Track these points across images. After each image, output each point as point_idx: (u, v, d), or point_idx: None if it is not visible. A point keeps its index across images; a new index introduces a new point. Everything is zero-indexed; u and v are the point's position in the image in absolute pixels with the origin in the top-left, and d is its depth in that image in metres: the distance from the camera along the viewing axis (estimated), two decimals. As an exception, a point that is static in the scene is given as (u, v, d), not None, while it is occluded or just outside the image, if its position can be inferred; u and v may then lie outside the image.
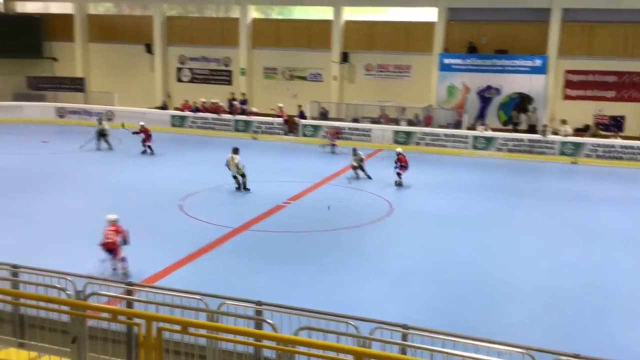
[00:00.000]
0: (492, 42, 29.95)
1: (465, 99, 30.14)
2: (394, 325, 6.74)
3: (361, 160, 21.72)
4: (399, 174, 20.70)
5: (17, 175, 20.72)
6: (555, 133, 27.05)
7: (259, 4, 34.05)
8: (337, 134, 27.44)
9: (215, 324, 6.19)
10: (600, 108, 28.77)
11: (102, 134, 25.26)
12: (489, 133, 27.61)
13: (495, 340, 6.55)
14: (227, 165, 19.00)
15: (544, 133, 26.63)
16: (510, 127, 29.16)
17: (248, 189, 19.05)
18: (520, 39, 29.67)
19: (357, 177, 21.56)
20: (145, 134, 24.66)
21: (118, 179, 20.35)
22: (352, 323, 6.60)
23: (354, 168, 21.73)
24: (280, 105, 30.44)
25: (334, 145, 26.72)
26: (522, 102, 29.39)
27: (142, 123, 25.18)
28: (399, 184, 20.63)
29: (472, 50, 30.09)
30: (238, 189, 19.11)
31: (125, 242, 12.21)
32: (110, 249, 12.00)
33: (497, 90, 29.76)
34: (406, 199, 19.12)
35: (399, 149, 21.52)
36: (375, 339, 6.20)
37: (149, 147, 24.57)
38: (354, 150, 22.27)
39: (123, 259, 12.06)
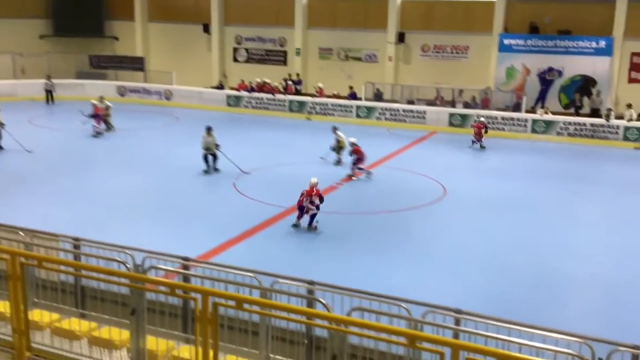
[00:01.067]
0: (554, 23, 28.92)
1: (525, 81, 29.32)
2: (447, 309, 6.67)
3: (216, 145, 18.90)
4: (360, 169, 18.64)
5: (79, 153, 21.42)
6: (619, 117, 26.04)
7: (316, -16, 33.88)
8: (484, 127, 24.27)
9: (269, 301, 6.26)
10: (668, 92, 27.53)
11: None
12: (549, 116, 26.81)
13: (552, 328, 6.40)
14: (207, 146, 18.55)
15: (607, 117, 25.68)
16: (572, 110, 28.24)
17: (217, 169, 18.72)
18: (585, 20, 28.57)
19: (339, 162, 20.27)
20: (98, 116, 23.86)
21: (175, 158, 20.74)
22: (404, 306, 6.56)
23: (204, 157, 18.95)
24: (320, 85, 30.29)
25: (480, 140, 24.00)
26: (585, 85, 28.38)
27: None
28: (354, 177, 18.64)
29: (534, 30, 29.16)
30: (207, 171, 18.68)
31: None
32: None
33: (559, 73, 28.82)
34: (460, 182, 18.80)
35: (353, 139, 18.98)
36: (428, 322, 6.15)
37: (105, 123, 24.24)
38: (334, 128, 20.84)
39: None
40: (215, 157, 18.85)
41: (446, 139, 26.20)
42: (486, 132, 24.19)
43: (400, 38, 31.86)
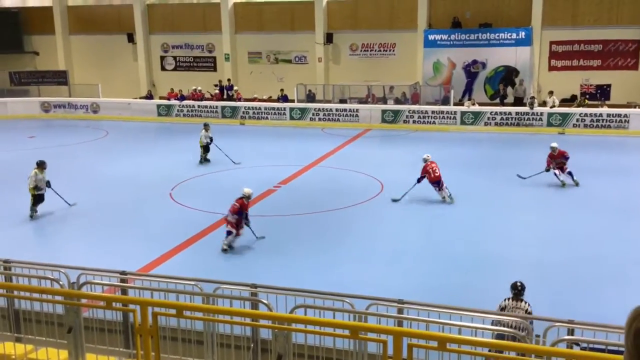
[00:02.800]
0: (476, 16, 29.86)
1: (452, 74, 30.09)
2: (389, 300, 6.77)
3: (211, 138, 20.79)
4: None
5: (3, 173, 20.54)
6: (542, 105, 27.09)
7: (240, -12, 33.75)
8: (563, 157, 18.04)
9: (211, 306, 6.19)
10: (587, 77, 28.84)
11: None
12: (476, 108, 27.61)
13: (490, 310, 6.60)
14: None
15: (531, 105, 26.67)
16: (497, 100, 29.19)
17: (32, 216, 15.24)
18: (504, 12, 29.61)
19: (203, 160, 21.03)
20: None
21: (106, 171, 20.21)
22: (348, 300, 6.61)
23: (204, 147, 20.85)
24: (256, 95, 30.48)
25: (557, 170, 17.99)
26: (508, 75, 29.38)
27: None
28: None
29: (457, 25, 29.99)
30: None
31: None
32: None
33: (483, 65, 29.73)
34: (396, 177, 19.09)
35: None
36: (371, 313, 6.22)
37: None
38: (205, 125, 21.26)
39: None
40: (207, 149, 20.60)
41: (380, 136, 26.59)
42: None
43: (329, 39, 32.13)
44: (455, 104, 28.33)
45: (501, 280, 11.56)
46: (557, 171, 17.74)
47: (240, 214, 12.97)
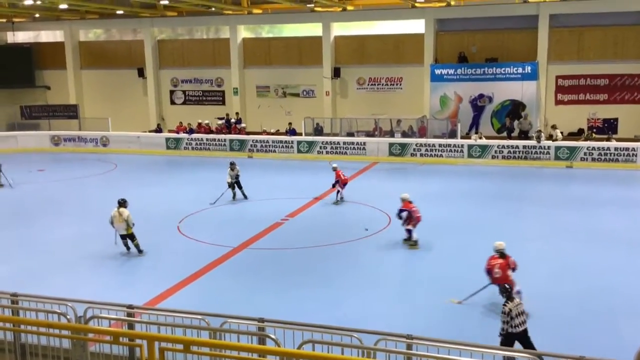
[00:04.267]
0: (482, 51, 30.13)
1: (458, 108, 30.24)
2: (398, 335, 6.70)
3: (237, 176, 20.23)
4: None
5: (15, 205, 20.68)
6: (549, 138, 27.13)
7: (249, 24, 34.25)
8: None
9: (218, 341, 6.14)
10: (594, 111, 28.91)
11: None
12: (484, 141, 27.67)
13: (502, 347, 6.52)
14: (111, 222, 14.98)
15: (538, 139, 26.70)
16: (504, 134, 29.25)
17: (141, 251, 14.98)
18: (510, 47, 29.88)
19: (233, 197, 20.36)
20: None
21: (115, 203, 20.25)
22: (356, 335, 6.55)
23: (231, 185, 20.13)
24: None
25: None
26: (515, 108, 29.47)
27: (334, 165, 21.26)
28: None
29: (463, 59, 30.25)
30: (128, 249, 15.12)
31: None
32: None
33: (490, 99, 29.87)
34: (404, 210, 19.03)
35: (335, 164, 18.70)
36: (380, 349, 6.16)
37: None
38: (232, 164, 20.26)
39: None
40: (239, 185, 20.27)
41: (387, 169, 26.63)
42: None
43: (336, 73, 32.45)
44: (462, 137, 28.40)
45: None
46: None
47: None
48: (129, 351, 7.07)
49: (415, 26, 31.26)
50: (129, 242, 14.97)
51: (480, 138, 27.92)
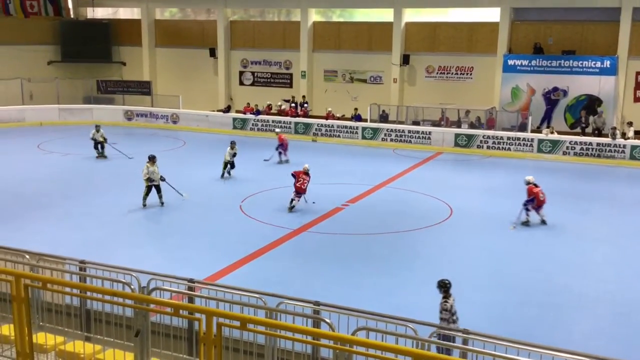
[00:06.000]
0: (559, 43, 29.05)
1: (530, 101, 29.34)
2: (454, 330, 6.61)
3: (234, 155, 21.13)
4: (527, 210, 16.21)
5: (87, 177, 21.53)
6: (622, 136, 25.99)
7: (320, 7, 34.22)
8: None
9: (274, 321, 6.22)
10: (675, 110, 27.50)
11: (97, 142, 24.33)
12: (555, 136, 26.77)
13: (560, 348, 6.32)
14: (149, 177, 17.22)
15: (613, 136, 25.61)
16: (578, 129, 28.22)
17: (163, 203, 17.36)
18: (589, 40, 28.67)
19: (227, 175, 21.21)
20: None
21: (182, 181, 20.79)
22: (411, 326, 6.50)
23: (227, 164, 21.07)
24: (329, 109, 30.76)
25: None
26: (590, 104, 28.36)
27: (277, 130, 24.45)
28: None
29: (538, 51, 29.25)
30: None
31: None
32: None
33: (564, 92, 28.83)
34: (467, 202, 18.74)
35: (529, 178, 16.72)
36: (435, 341, 6.09)
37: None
38: (232, 143, 21.47)
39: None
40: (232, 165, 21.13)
41: (452, 159, 26.18)
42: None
43: (405, 60, 32.03)
44: (532, 131, 27.57)
45: (574, 316, 11.11)
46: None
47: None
48: (188, 324, 7.26)
49: (490, 14, 30.42)
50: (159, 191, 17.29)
51: (552, 133, 27.02)
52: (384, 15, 32.57)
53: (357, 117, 30.14)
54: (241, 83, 36.47)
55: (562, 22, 29.26)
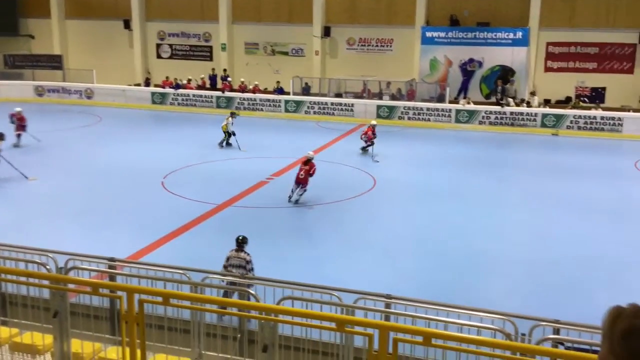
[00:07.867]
0: (474, 15, 29.84)
1: (448, 72, 30.09)
2: (377, 295, 6.77)
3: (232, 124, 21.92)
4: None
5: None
6: (528, 104, 27.27)
7: (239, -22, 33.58)
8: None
9: (198, 295, 6.17)
10: (582, 80, 28.91)
11: None
12: (472, 106, 27.63)
13: (477, 307, 6.61)
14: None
15: (502, 104, 26.80)
16: (493, 99, 29.22)
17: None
18: (502, 12, 29.61)
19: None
20: (20, 123, 21.63)
21: (99, 157, 20.12)
22: (336, 294, 6.61)
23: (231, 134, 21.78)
24: (256, 83, 30.37)
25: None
26: (504, 74, 29.39)
27: (18, 109, 21.93)
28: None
29: (454, 23, 29.95)
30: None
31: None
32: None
33: (480, 63, 29.74)
34: (390, 173, 19.12)
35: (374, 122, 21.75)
36: (358, 307, 6.23)
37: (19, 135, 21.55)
38: (233, 114, 22.63)
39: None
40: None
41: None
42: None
43: (326, 32, 32.03)
44: (450, 102, 28.34)
45: (491, 278, 11.64)
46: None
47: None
48: (110, 303, 7.09)
49: (408, -14, 30.83)
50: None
51: (469, 103, 27.87)
52: (304, -14, 32.36)
53: (280, 90, 29.98)
54: (159, 56, 35.41)
55: (477, -5, 30.09)
